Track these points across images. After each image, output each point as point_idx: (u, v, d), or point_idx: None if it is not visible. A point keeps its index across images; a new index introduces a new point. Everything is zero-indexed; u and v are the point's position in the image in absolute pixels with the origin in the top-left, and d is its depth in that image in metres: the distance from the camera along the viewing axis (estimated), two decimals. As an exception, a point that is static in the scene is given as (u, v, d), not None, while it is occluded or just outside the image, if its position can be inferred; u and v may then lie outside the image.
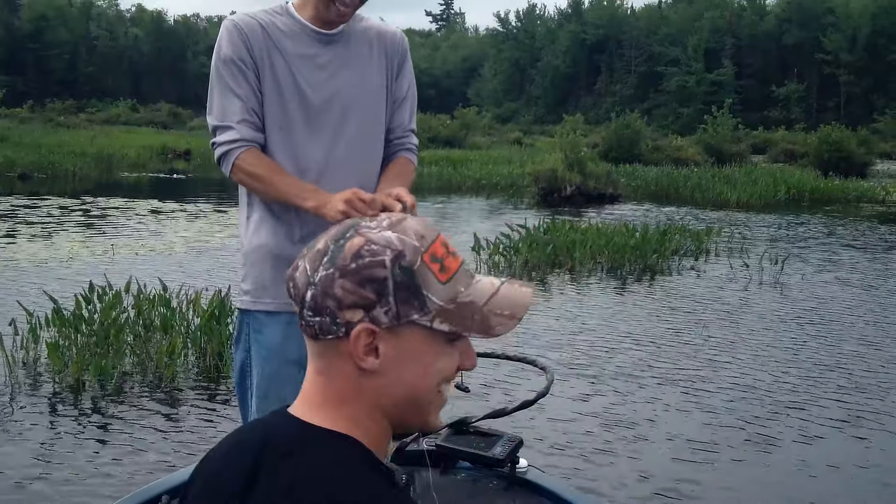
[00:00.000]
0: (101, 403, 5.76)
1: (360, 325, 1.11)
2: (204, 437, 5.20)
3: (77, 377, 6.07)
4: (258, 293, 2.52)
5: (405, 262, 1.12)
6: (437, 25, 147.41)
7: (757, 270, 11.31)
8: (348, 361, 1.14)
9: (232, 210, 18.22)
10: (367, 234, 1.13)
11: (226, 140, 2.46)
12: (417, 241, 1.13)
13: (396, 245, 1.12)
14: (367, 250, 1.12)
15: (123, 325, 6.77)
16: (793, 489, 4.68)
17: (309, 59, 2.48)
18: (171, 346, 6.51)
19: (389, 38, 2.61)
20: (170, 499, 3.48)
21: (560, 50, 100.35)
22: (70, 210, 17.27)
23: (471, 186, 25.56)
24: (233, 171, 2.46)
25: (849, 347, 7.65)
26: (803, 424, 5.64)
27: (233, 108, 2.45)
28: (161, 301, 7.19)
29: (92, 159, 29.30)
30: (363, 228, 1.15)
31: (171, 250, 12.28)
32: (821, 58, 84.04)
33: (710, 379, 6.58)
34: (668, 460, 5.00)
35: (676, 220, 17.32)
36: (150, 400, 5.85)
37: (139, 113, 69.52)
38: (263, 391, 2.51)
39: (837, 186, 24.95)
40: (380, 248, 1.12)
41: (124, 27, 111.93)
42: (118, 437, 5.17)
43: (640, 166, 29.72)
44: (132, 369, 6.45)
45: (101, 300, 7.07)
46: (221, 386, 6.21)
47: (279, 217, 2.49)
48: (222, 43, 2.48)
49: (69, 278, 9.61)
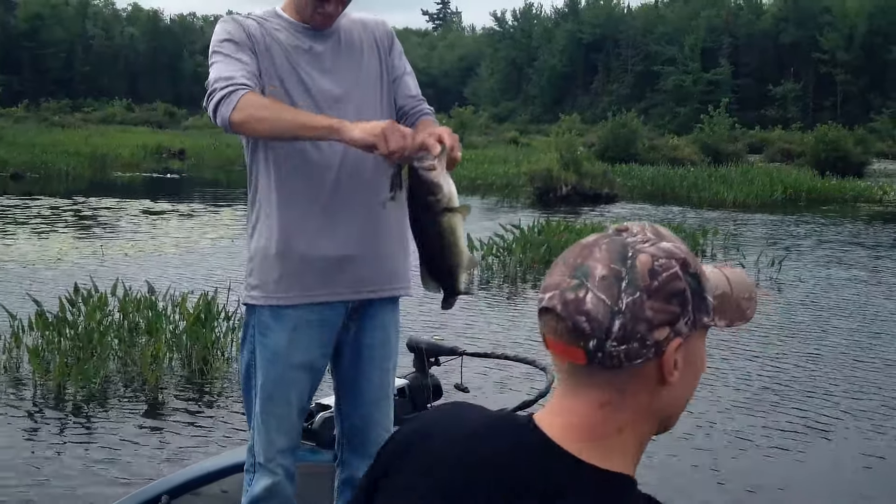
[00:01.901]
0: (84, 409, 5.64)
1: (673, 341, 1.09)
2: (188, 444, 5.09)
3: (59, 382, 5.94)
4: (265, 289, 2.53)
5: (691, 269, 1.11)
6: (433, 25, 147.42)
7: (753, 271, 11.21)
8: (647, 383, 1.11)
9: (224, 210, 18.13)
10: (647, 250, 1.10)
11: (227, 84, 2.36)
12: (683, 245, 1.13)
13: (678, 254, 1.11)
14: (658, 265, 1.09)
15: (108, 329, 6.65)
16: (783, 488, 4.57)
17: (305, 51, 2.52)
18: (156, 350, 6.39)
19: (373, 25, 2.69)
20: (170, 499, 3.41)
21: (557, 49, 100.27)
22: (61, 210, 17.13)
23: (466, 186, 25.44)
24: (237, 106, 2.32)
25: (845, 348, 7.56)
26: (797, 424, 5.56)
27: (233, 68, 2.40)
28: (147, 304, 7.07)
29: (85, 159, 29.13)
30: (638, 244, 1.10)
31: (160, 251, 12.15)
32: (817, 57, 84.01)
33: (702, 380, 6.47)
34: (664, 457, 4.93)
35: (672, 219, 17.22)
36: (133, 406, 5.73)
37: (135, 112, 69.32)
38: (268, 393, 2.55)
39: (834, 186, 24.87)
40: (667, 262, 1.09)
41: (120, 26, 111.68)
42: (100, 444, 5.05)
43: (637, 166, 29.62)
44: (116, 374, 6.33)
45: (86, 303, 6.95)
46: (206, 391, 6.09)
47: (284, 215, 2.49)
48: (218, 30, 2.50)
49: (56, 280, 9.48)
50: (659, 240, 1.12)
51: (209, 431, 5.33)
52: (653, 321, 1.07)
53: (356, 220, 2.51)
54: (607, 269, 1.08)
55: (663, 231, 1.14)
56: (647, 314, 1.06)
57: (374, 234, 2.53)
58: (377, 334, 2.63)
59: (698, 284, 1.11)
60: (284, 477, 2.60)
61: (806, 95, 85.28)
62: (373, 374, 2.65)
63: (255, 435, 2.61)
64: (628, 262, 1.08)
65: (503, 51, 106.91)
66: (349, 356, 2.64)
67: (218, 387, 6.16)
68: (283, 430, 2.58)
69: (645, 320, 1.06)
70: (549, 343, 1.15)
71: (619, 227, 1.14)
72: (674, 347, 1.09)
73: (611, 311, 1.06)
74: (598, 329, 1.07)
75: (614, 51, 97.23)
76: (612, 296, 1.07)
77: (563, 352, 1.12)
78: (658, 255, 1.09)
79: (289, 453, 2.61)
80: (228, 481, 3.52)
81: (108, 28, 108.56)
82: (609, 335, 1.06)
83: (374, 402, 2.66)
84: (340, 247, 2.50)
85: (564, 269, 1.12)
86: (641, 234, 1.12)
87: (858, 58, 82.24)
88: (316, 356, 2.58)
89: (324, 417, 3.50)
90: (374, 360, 2.64)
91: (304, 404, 2.64)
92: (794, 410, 5.93)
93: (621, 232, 1.13)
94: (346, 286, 2.54)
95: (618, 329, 1.06)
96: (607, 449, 1.11)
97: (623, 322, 1.06)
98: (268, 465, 2.58)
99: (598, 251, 1.10)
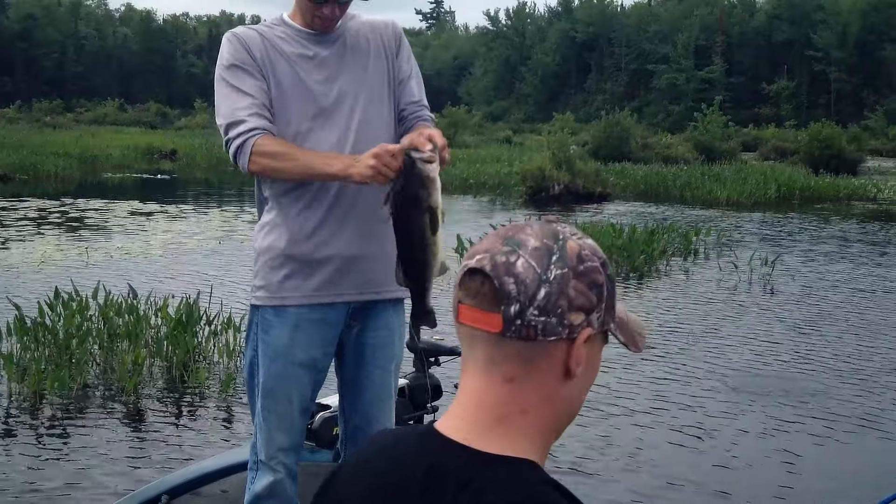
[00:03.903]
0: (59, 418, 5.50)
1: (585, 329, 1.10)
2: (166, 453, 4.95)
3: (35, 390, 5.79)
4: (269, 289, 2.59)
5: (608, 272, 1.13)
6: (427, 24, 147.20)
7: (746, 271, 11.08)
8: (556, 366, 1.10)
9: (213, 211, 17.97)
10: (575, 240, 1.12)
11: (239, 132, 2.47)
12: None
13: (601, 253, 1.13)
14: (585, 254, 1.11)
15: (86, 334, 6.50)
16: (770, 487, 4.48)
17: (309, 59, 2.57)
18: (136, 356, 6.24)
19: (381, 27, 2.71)
20: (169, 499, 3.38)
21: (550, 48, 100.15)
22: (48, 212, 16.94)
23: (458, 186, 25.26)
24: (251, 159, 2.46)
25: (840, 348, 7.46)
26: (792, 423, 5.46)
27: (242, 103, 2.49)
28: (128, 308, 6.93)
29: (75, 160, 28.91)
30: (567, 233, 1.13)
31: (146, 253, 11.98)
32: (811, 55, 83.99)
33: (695, 381, 6.38)
34: (662, 455, 4.86)
35: (665, 218, 17.10)
36: (111, 414, 5.59)
37: (127, 113, 69.04)
38: (269, 389, 2.60)
39: (828, 184, 24.74)
40: (592, 255, 1.12)
41: (113, 26, 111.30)
42: (76, 454, 4.91)
43: (630, 164, 29.49)
44: (95, 381, 6.18)
45: (66, 307, 6.80)
46: (187, 398, 5.95)
47: (291, 217, 2.56)
48: (223, 53, 2.57)
49: (39, 283, 9.31)
50: (585, 237, 1.14)
51: (196, 439, 5.19)
52: (573, 301, 1.08)
53: (360, 223, 2.57)
54: (540, 243, 1.09)
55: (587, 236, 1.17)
56: (570, 292, 1.08)
57: (378, 236, 2.56)
58: (380, 335, 2.68)
59: (612, 287, 1.13)
60: (286, 475, 2.63)
61: (799, 93, 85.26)
62: (374, 373, 2.69)
63: (256, 433, 2.66)
64: (559, 243, 1.10)
65: (497, 50, 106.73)
66: (351, 356, 2.68)
67: (198, 393, 6.02)
68: (283, 428, 2.62)
69: (567, 297, 1.08)
70: (462, 313, 1.12)
71: (549, 218, 1.16)
72: (584, 337, 1.09)
73: (539, 278, 1.07)
74: (524, 293, 1.07)
75: (608, 49, 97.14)
76: (543, 265, 1.08)
77: (477, 320, 1.10)
78: (585, 246, 1.11)
79: (290, 452, 2.65)
80: (228, 481, 3.57)
81: (100, 28, 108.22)
82: (532, 302, 1.07)
83: (375, 402, 2.70)
84: (345, 248, 2.56)
85: (496, 238, 1.12)
86: (570, 228, 1.14)
87: (852, 56, 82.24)
88: (318, 355, 2.62)
89: (324, 417, 3.46)
90: (376, 360, 2.68)
91: (305, 403, 2.67)
92: (788, 410, 5.84)
93: (551, 221, 1.15)
94: (349, 287, 2.59)
95: (542, 297, 1.07)
96: (510, 434, 1.10)
97: (548, 291, 1.07)
98: (269, 462, 2.62)
99: (531, 229, 1.12)
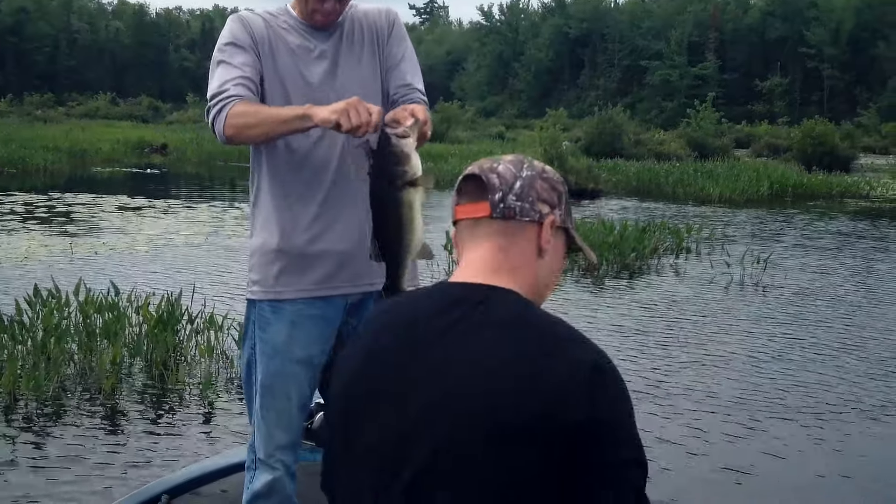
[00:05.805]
0: (36, 419, 5.36)
1: (550, 216, 1.54)
2: (146, 455, 4.82)
3: (10, 390, 5.65)
4: (264, 284, 2.60)
5: (565, 189, 1.61)
6: (420, 19, 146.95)
7: (738, 269, 10.98)
8: (531, 243, 1.54)
9: (201, 206, 17.81)
10: (540, 162, 1.60)
11: (219, 100, 2.45)
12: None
13: (560, 176, 1.62)
14: (548, 169, 1.59)
15: (65, 333, 6.35)
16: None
17: (309, 51, 2.58)
18: (115, 355, 6.10)
19: (374, 15, 2.70)
20: (170, 498, 3.31)
21: (543, 44, 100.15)
22: (35, 206, 16.73)
23: (450, 181, 25.13)
24: (227, 122, 2.42)
25: (835, 347, 7.38)
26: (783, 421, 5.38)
27: (229, 76, 2.48)
28: (108, 305, 6.78)
29: (65, 154, 28.66)
30: (534, 162, 1.59)
31: (132, 249, 11.81)
32: (804, 52, 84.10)
33: (690, 381, 6.29)
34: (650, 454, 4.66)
35: (657, 216, 16.99)
36: (89, 415, 5.44)
37: (119, 106, 68.75)
38: (268, 386, 2.60)
39: (821, 181, 24.69)
40: (552, 172, 1.60)
41: (105, 20, 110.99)
42: (52, 457, 4.78)
43: (622, 161, 29.40)
44: (73, 380, 6.04)
45: (45, 305, 6.65)
46: (167, 398, 5.82)
47: (285, 213, 2.57)
48: (224, 32, 2.57)
49: (21, 279, 9.15)
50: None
51: (176, 441, 5.07)
52: (540, 194, 1.54)
53: (354, 216, 2.56)
54: (514, 159, 1.58)
55: None
56: (538, 186, 1.54)
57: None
58: None
59: (569, 202, 1.62)
60: (284, 473, 2.62)
61: (793, 90, 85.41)
62: None
63: (255, 431, 2.65)
64: (528, 161, 1.59)
65: (490, 45, 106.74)
66: None
67: (178, 393, 5.89)
68: (282, 426, 2.61)
69: (535, 190, 1.54)
70: (458, 212, 1.57)
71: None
72: (549, 222, 1.54)
73: (515, 175, 1.54)
74: (504, 184, 1.53)
75: (601, 45, 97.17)
76: (518, 168, 1.56)
77: (471, 210, 1.54)
78: (547, 167, 1.60)
79: (289, 450, 2.64)
80: (228, 481, 3.53)
81: (92, 22, 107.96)
82: (511, 190, 1.52)
83: None
84: (338, 242, 2.57)
85: (481, 161, 1.59)
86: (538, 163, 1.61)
87: (845, 53, 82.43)
88: (315, 352, 2.61)
89: (323, 417, 3.36)
90: None
91: (304, 400, 2.66)
92: (779, 406, 5.77)
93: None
94: (344, 280, 2.60)
95: (518, 187, 1.53)
96: (509, 278, 1.52)
97: (522, 184, 1.53)
98: (268, 460, 2.61)
99: (505, 156, 1.60)
